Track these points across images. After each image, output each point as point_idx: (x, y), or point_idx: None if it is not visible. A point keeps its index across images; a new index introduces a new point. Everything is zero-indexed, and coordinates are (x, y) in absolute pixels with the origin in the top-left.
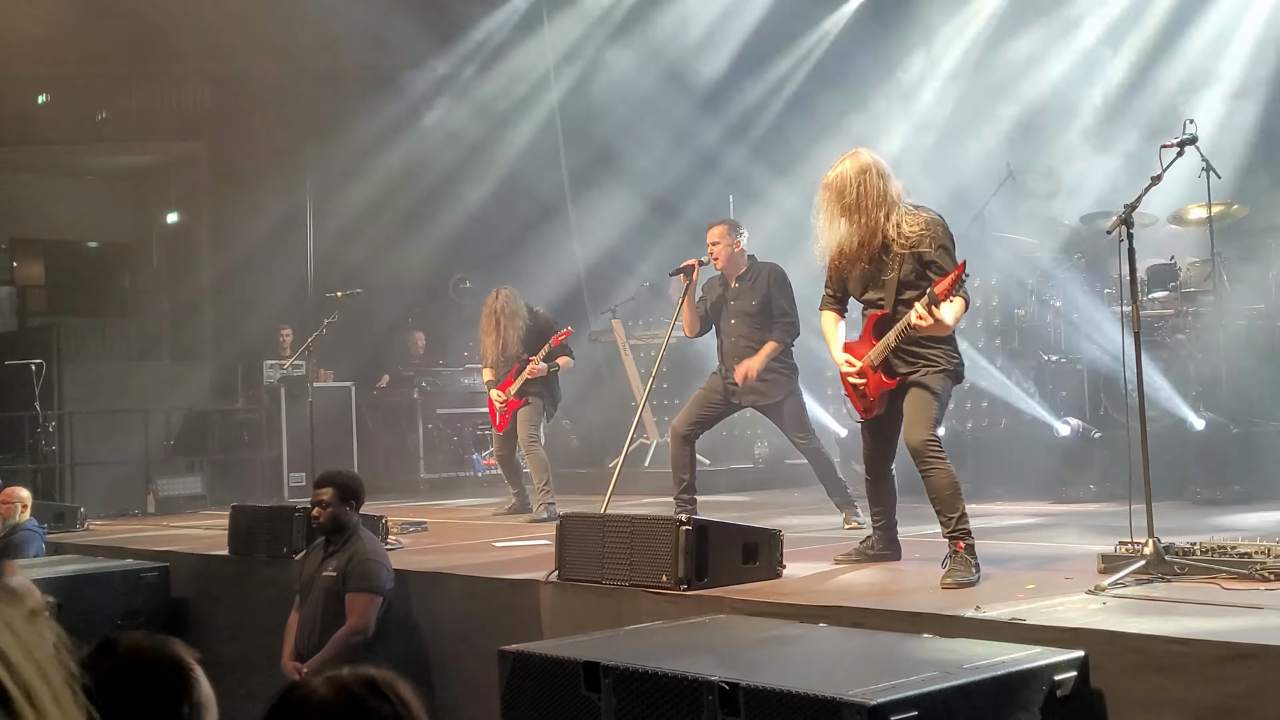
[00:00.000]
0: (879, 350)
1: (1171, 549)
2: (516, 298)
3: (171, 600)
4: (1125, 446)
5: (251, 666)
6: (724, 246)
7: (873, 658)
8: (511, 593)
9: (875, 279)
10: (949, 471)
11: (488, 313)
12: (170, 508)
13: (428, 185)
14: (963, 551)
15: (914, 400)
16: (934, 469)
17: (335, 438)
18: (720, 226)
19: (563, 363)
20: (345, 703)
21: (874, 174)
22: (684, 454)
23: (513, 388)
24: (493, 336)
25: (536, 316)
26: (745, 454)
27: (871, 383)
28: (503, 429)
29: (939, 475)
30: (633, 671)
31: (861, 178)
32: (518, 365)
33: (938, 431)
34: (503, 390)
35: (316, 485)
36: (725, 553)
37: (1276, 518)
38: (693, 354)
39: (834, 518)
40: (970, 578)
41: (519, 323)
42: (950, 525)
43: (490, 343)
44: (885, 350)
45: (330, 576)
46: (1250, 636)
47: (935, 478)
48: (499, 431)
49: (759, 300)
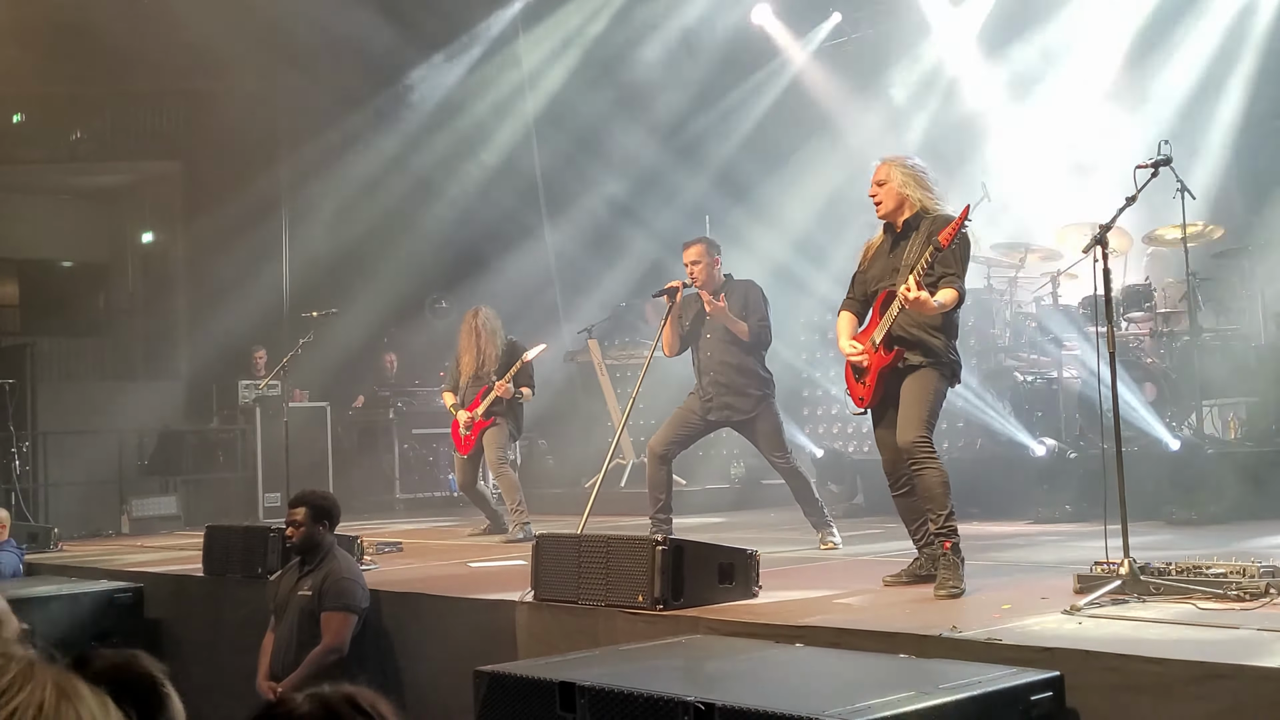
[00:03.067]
0: (883, 325)
1: (1147, 569)
2: (496, 316)
3: (146, 621)
4: (1101, 467)
5: (226, 687)
6: (703, 266)
7: (849, 678)
8: (487, 613)
9: (893, 264)
10: (940, 470)
11: (467, 329)
12: (144, 528)
13: (404, 205)
14: (949, 552)
15: (908, 398)
16: (925, 468)
17: (310, 458)
18: (698, 245)
19: (525, 393)
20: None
21: (912, 163)
22: (661, 474)
23: (480, 408)
24: (472, 353)
25: (507, 339)
26: (721, 474)
27: (872, 362)
28: (467, 451)
29: (930, 474)
30: (608, 692)
31: (897, 165)
32: (485, 387)
33: (930, 431)
34: (470, 411)
35: (291, 505)
36: (701, 573)
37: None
38: (668, 374)
39: (810, 537)
40: (960, 586)
41: (498, 340)
42: (939, 522)
43: (468, 360)
44: (890, 321)
45: (305, 596)
46: (1225, 656)
47: (926, 477)
48: (463, 455)
49: (737, 316)
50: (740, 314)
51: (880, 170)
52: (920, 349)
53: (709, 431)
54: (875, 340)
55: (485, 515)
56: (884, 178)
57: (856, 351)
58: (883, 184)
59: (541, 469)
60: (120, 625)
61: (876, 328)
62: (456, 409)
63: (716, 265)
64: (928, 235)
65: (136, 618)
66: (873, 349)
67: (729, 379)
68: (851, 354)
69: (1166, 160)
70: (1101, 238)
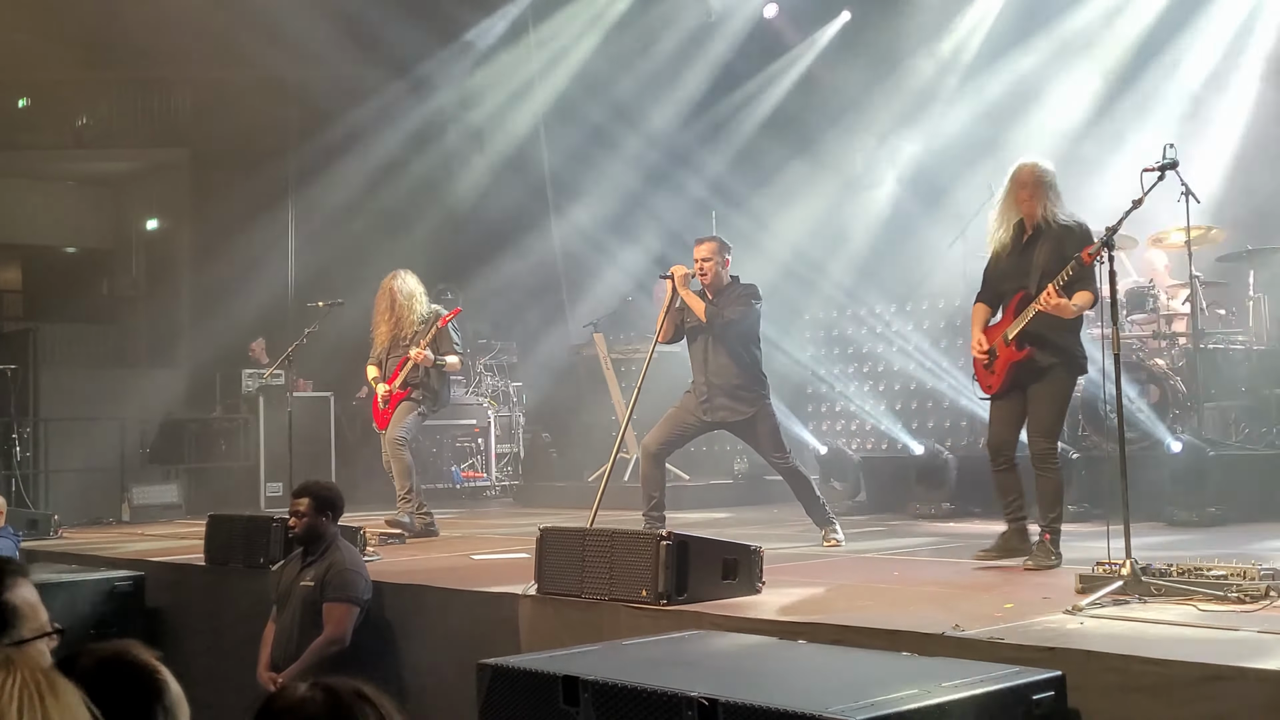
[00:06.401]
0: (1017, 324)
1: (1149, 570)
2: (416, 280)
3: (146, 610)
4: (1104, 467)
5: (226, 677)
6: (713, 264)
7: (851, 675)
8: (490, 605)
9: (1024, 266)
10: (1059, 477)
11: (382, 293)
12: (145, 516)
13: (411, 195)
14: (1048, 541)
15: (1041, 403)
16: (1049, 474)
17: (314, 448)
18: (711, 243)
19: (449, 360)
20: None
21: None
22: (655, 472)
23: (398, 380)
24: (387, 320)
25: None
26: (725, 470)
27: (1001, 357)
28: (384, 426)
29: (1051, 481)
30: (612, 686)
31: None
32: (405, 357)
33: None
34: (389, 384)
35: (294, 495)
36: (705, 568)
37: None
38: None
39: (813, 534)
40: (1050, 562)
41: (416, 304)
42: (1046, 521)
43: (384, 329)
44: (1024, 322)
45: (308, 586)
46: (1226, 658)
47: (1047, 483)
48: (381, 430)
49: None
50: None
51: (1024, 173)
52: (1051, 348)
53: (704, 431)
54: (1008, 336)
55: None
56: (1028, 180)
57: (982, 349)
58: (1025, 186)
59: (545, 463)
60: (120, 614)
61: (1010, 325)
62: (377, 383)
63: (726, 266)
64: (1057, 243)
65: (137, 607)
66: (1004, 343)
67: (725, 379)
68: (978, 350)
69: (1173, 164)
70: (1108, 240)
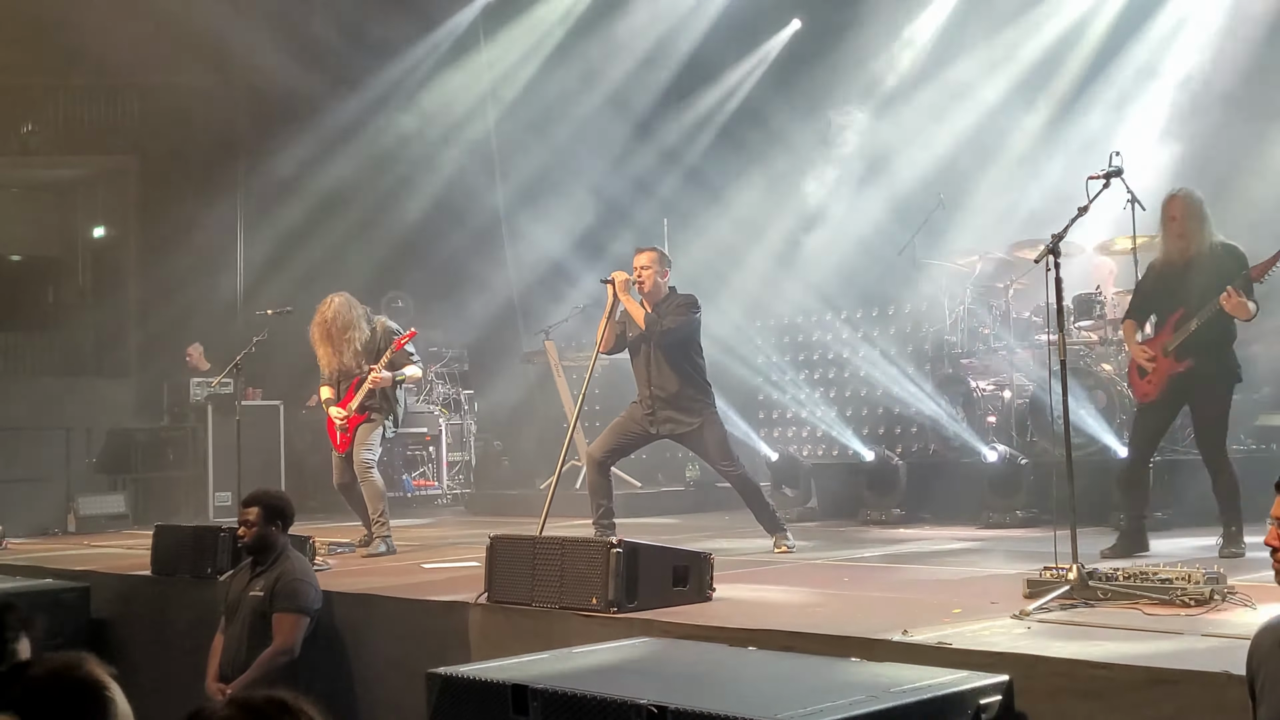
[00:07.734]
0: (1178, 337)
1: (1095, 574)
2: (351, 306)
3: (92, 621)
4: (1051, 473)
5: (174, 688)
6: (652, 273)
7: (801, 681)
8: (440, 614)
9: (1184, 287)
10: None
11: (317, 322)
12: (92, 527)
13: (361, 203)
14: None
15: (1208, 419)
16: (1227, 477)
17: (263, 457)
18: (651, 252)
19: (410, 373)
20: None
21: (1197, 199)
22: (601, 480)
23: (353, 402)
24: (325, 348)
25: (375, 326)
26: (676, 477)
27: (1161, 366)
28: (344, 449)
29: (1230, 481)
30: (561, 695)
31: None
32: (358, 378)
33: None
34: (343, 407)
35: (244, 505)
36: (656, 575)
37: (1197, 544)
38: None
39: (764, 541)
40: (1239, 548)
41: (352, 335)
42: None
43: (324, 359)
44: (1185, 335)
45: (257, 596)
46: (1171, 661)
47: (1228, 483)
48: (340, 454)
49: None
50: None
51: (1177, 205)
52: (1210, 360)
53: (650, 441)
54: (1167, 348)
55: (362, 523)
56: (1179, 213)
57: (1147, 356)
58: (1177, 218)
59: (497, 471)
60: (66, 625)
61: (1170, 338)
62: (330, 404)
63: (665, 277)
64: (1218, 263)
65: (83, 618)
66: (1163, 354)
67: (669, 391)
68: (1141, 357)
69: (1118, 171)
70: (1054, 247)
